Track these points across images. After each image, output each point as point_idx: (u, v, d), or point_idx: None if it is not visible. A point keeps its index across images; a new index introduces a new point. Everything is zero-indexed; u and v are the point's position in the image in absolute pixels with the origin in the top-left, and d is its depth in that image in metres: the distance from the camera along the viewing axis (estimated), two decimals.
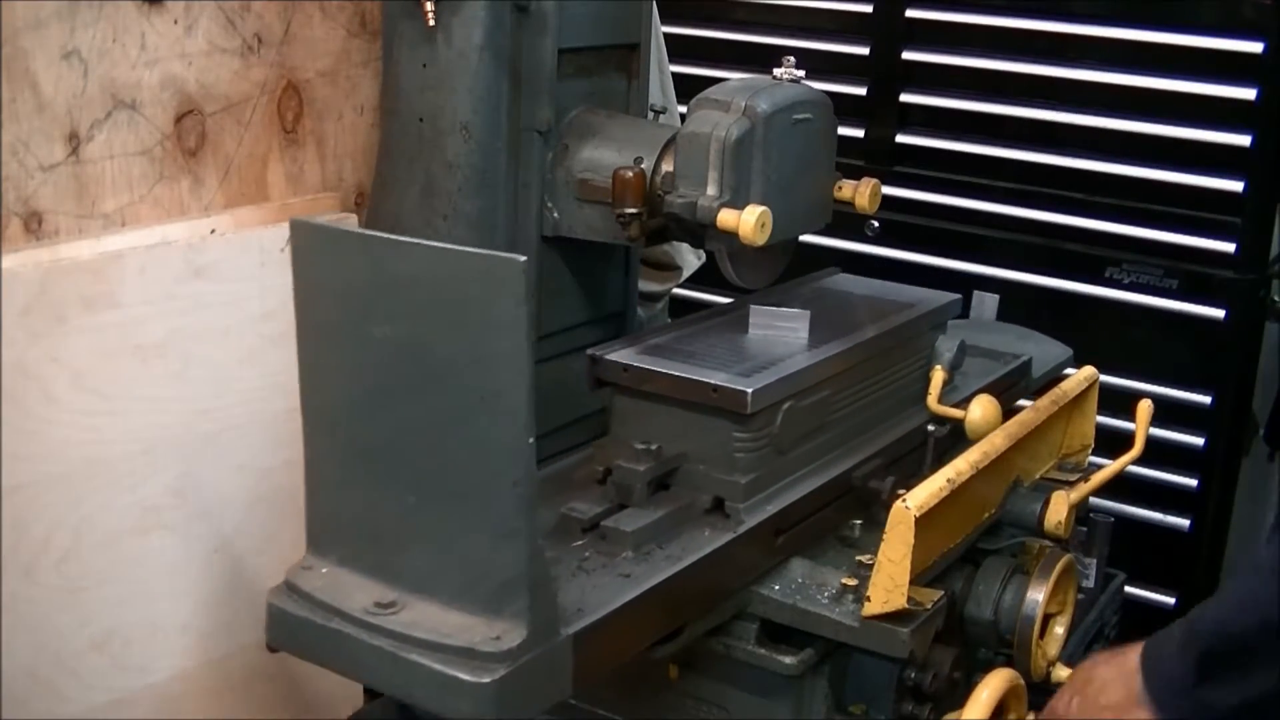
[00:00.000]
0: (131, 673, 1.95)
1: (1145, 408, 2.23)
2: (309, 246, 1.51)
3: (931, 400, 2.14)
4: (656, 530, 1.74)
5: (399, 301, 1.44)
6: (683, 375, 1.83)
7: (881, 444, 2.05)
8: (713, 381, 1.80)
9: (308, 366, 1.53)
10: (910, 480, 1.88)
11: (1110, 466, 2.19)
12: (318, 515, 1.57)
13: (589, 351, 1.91)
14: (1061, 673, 1.96)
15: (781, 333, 2.00)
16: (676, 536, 1.76)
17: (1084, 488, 2.13)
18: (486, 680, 1.39)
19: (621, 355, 1.89)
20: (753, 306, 2.03)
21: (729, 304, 2.19)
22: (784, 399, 1.86)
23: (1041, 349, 2.57)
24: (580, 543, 1.73)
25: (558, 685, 1.49)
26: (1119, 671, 1.75)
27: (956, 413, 2.09)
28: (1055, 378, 2.44)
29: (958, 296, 2.30)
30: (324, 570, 1.54)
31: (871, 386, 2.07)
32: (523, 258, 1.33)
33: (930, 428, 2.02)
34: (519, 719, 1.45)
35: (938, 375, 2.16)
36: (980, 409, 2.05)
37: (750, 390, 1.78)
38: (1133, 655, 1.75)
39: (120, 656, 1.93)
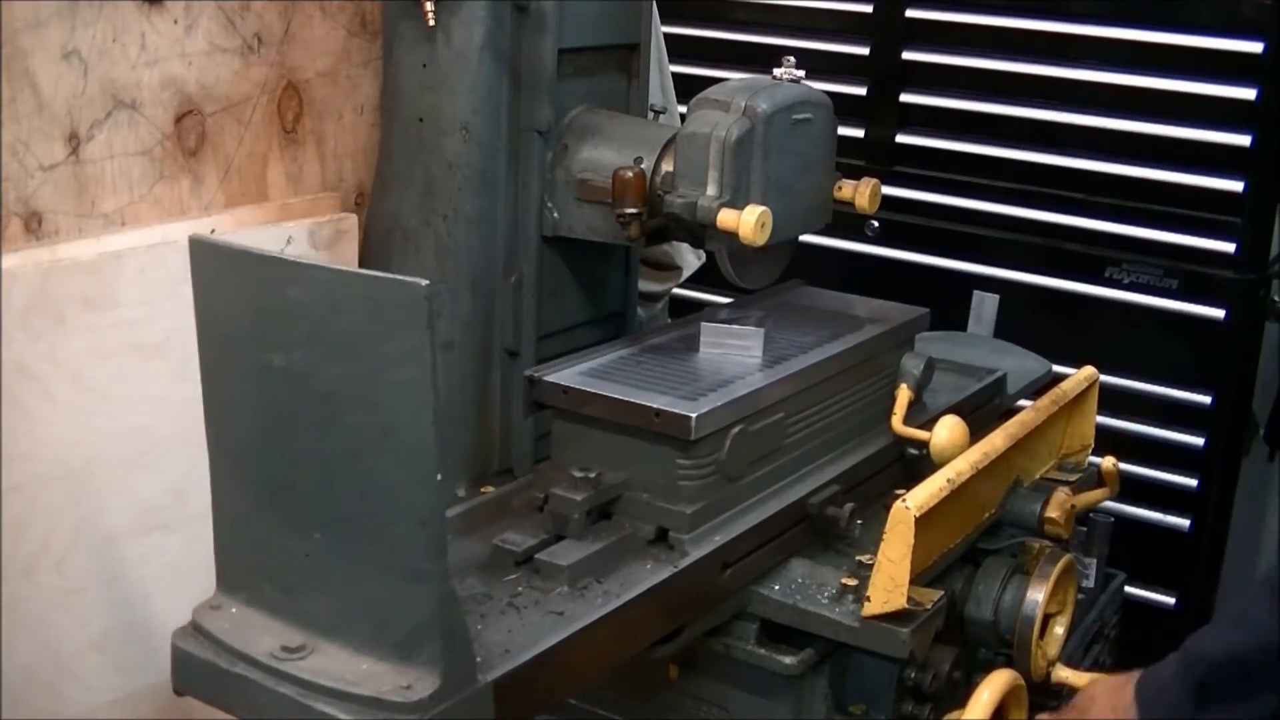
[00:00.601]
0: (131, 673, 1.95)
1: (1110, 464, 2.23)
2: (208, 266, 1.42)
3: (895, 421, 2.05)
4: (594, 564, 1.65)
5: (297, 328, 1.36)
6: (624, 399, 1.75)
7: (841, 469, 1.97)
8: (655, 406, 1.73)
9: (210, 394, 1.45)
10: (872, 506, 1.83)
11: (1097, 494, 2.19)
12: (225, 551, 1.48)
13: (526, 373, 1.85)
14: (1062, 673, 1.96)
15: (734, 351, 1.93)
16: (615, 570, 1.67)
17: (1084, 499, 2.13)
18: None
19: (561, 376, 1.82)
20: (703, 324, 1.97)
21: (682, 320, 2.11)
22: (732, 423, 1.78)
23: (1019, 363, 2.51)
24: (513, 576, 1.64)
25: None
26: (1119, 701, 1.74)
27: (921, 434, 2.00)
28: (1037, 390, 2.39)
29: (925, 311, 2.23)
30: (232, 610, 1.47)
31: (830, 408, 1.99)
32: (424, 282, 1.26)
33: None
34: None
35: (903, 394, 2.07)
36: (946, 431, 1.95)
37: (694, 415, 1.71)
38: (1129, 689, 1.73)
39: (120, 656, 1.93)
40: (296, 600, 1.43)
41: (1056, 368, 2.55)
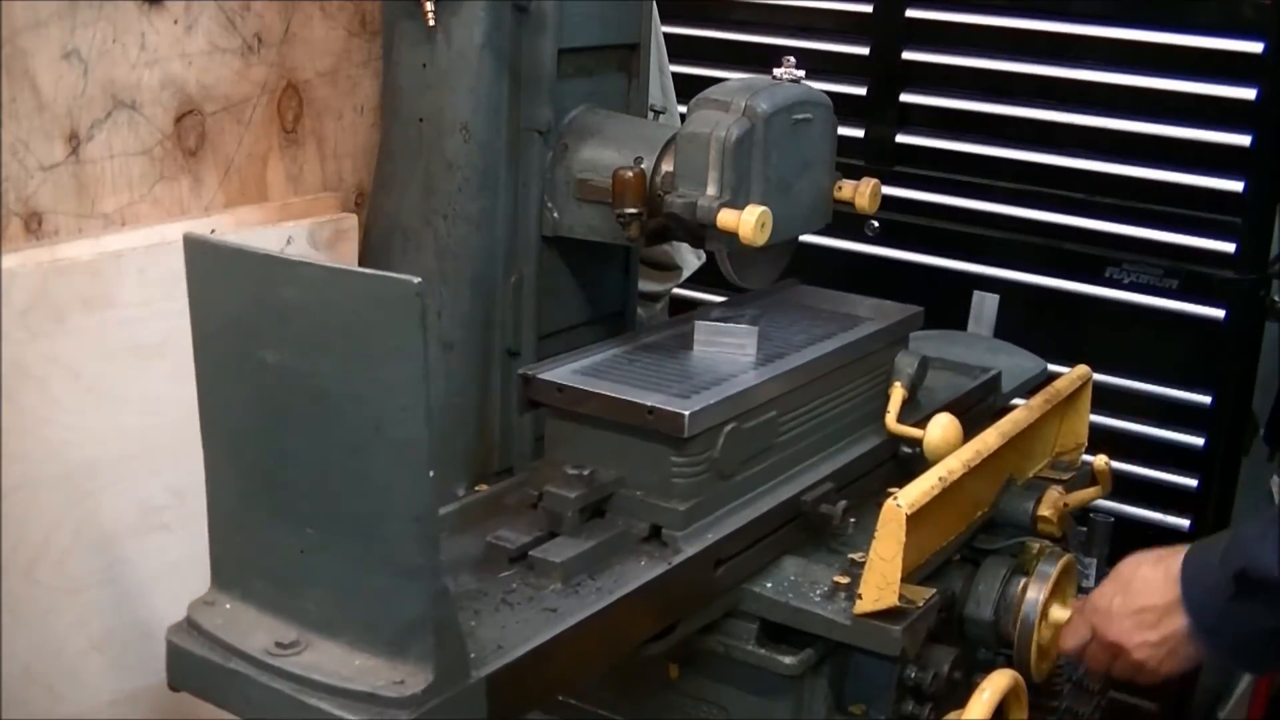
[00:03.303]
0: (131, 673, 1.95)
1: (1102, 463, 2.23)
2: (202, 264, 1.43)
3: (890, 419, 2.05)
4: (588, 560, 1.66)
5: (290, 325, 1.36)
6: (617, 396, 1.76)
7: (835, 466, 1.97)
8: (648, 403, 1.73)
9: (205, 390, 1.46)
10: (866, 504, 1.83)
11: (1089, 492, 2.20)
12: (219, 547, 1.49)
13: (520, 371, 1.86)
14: (1060, 613, 1.94)
15: (728, 349, 1.93)
16: (609, 567, 1.67)
17: (1076, 497, 2.13)
18: None
19: (555, 374, 1.82)
20: (698, 322, 1.97)
21: (676, 319, 2.11)
22: (726, 421, 1.78)
23: (1014, 361, 2.51)
24: (507, 573, 1.65)
25: None
26: (1164, 574, 1.77)
27: (916, 432, 2.00)
28: (1032, 389, 2.39)
29: (919, 309, 2.22)
30: (227, 606, 1.47)
31: (824, 406, 1.99)
32: (417, 279, 1.27)
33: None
34: None
35: (897, 392, 2.07)
36: (940, 429, 1.95)
37: (688, 413, 1.71)
38: (1177, 560, 1.76)
39: (120, 656, 1.93)
40: (290, 596, 1.43)
41: (1056, 368, 2.55)
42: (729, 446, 1.79)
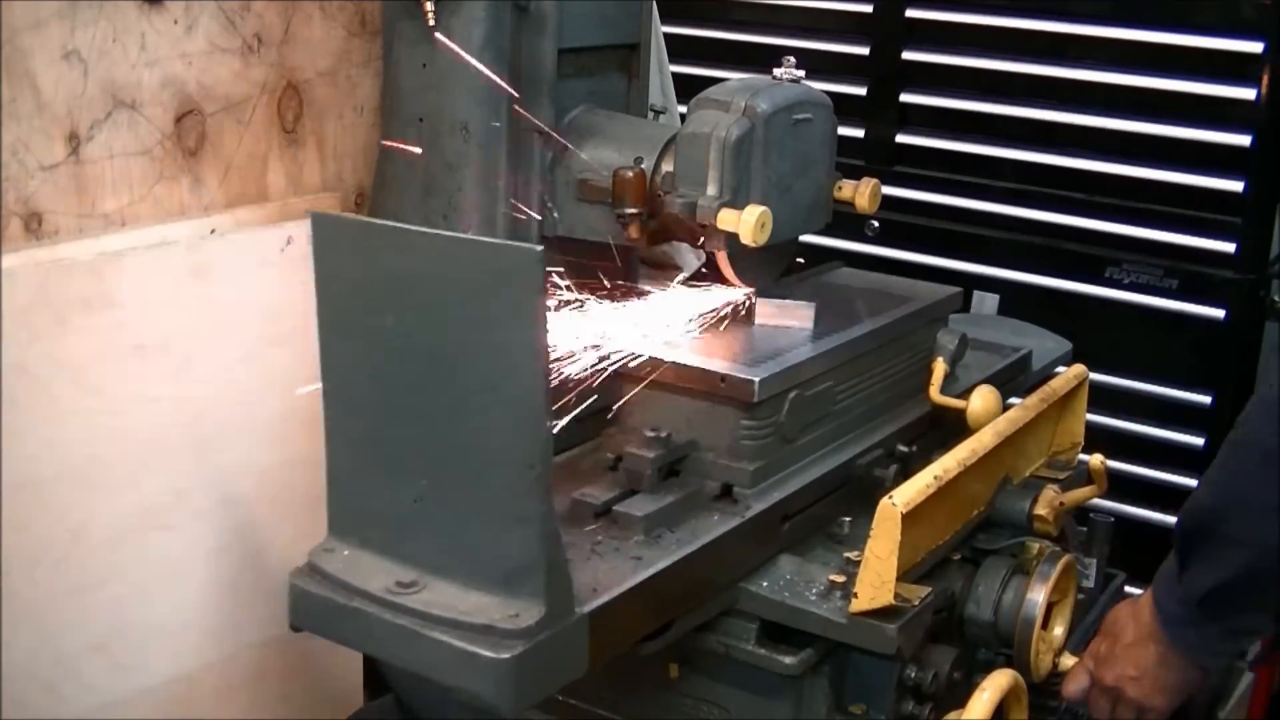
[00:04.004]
0: (131, 673, 1.95)
1: (1098, 462, 2.24)
2: (329, 238, 1.53)
3: (933, 391, 2.14)
4: (666, 515, 1.77)
5: (415, 292, 1.46)
6: (691, 364, 1.85)
7: (884, 434, 2.08)
8: (721, 370, 1.83)
9: (327, 355, 1.56)
10: (915, 469, 1.88)
11: (1085, 491, 2.21)
12: (337, 499, 1.59)
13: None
14: (1068, 661, 1.98)
15: (788, 322, 2.03)
16: (685, 521, 1.79)
17: (1072, 496, 2.14)
18: (505, 656, 1.42)
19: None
20: (759, 298, 2.05)
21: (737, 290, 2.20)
22: (790, 388, 1.88)
23: (1040, 343, 2.58)
24: (593, 527, 1.76)
25: (574, 662, 1.52)
26: (1137, 609, 1.83)
27: (958, 403, 2.10)
28: (1053, 371, 2.44)
29: (959, 290, 2.31)
30: (345, 553, 1.57)
31: (874, 377, 2.10)
32: (539, 248, 1.35)
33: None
34: (537, 695, 1.49)
35: (939, 367, 2.16)
36: (981, 399, 2.07)
37: (758, 379, 1.81)
38: (1147, 593, 1.82)
39: (120, 657, 1.93)
40: (406, 542, 1.53)
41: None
42: (793, 412, 1.89)
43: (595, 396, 1.80)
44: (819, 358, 1.95)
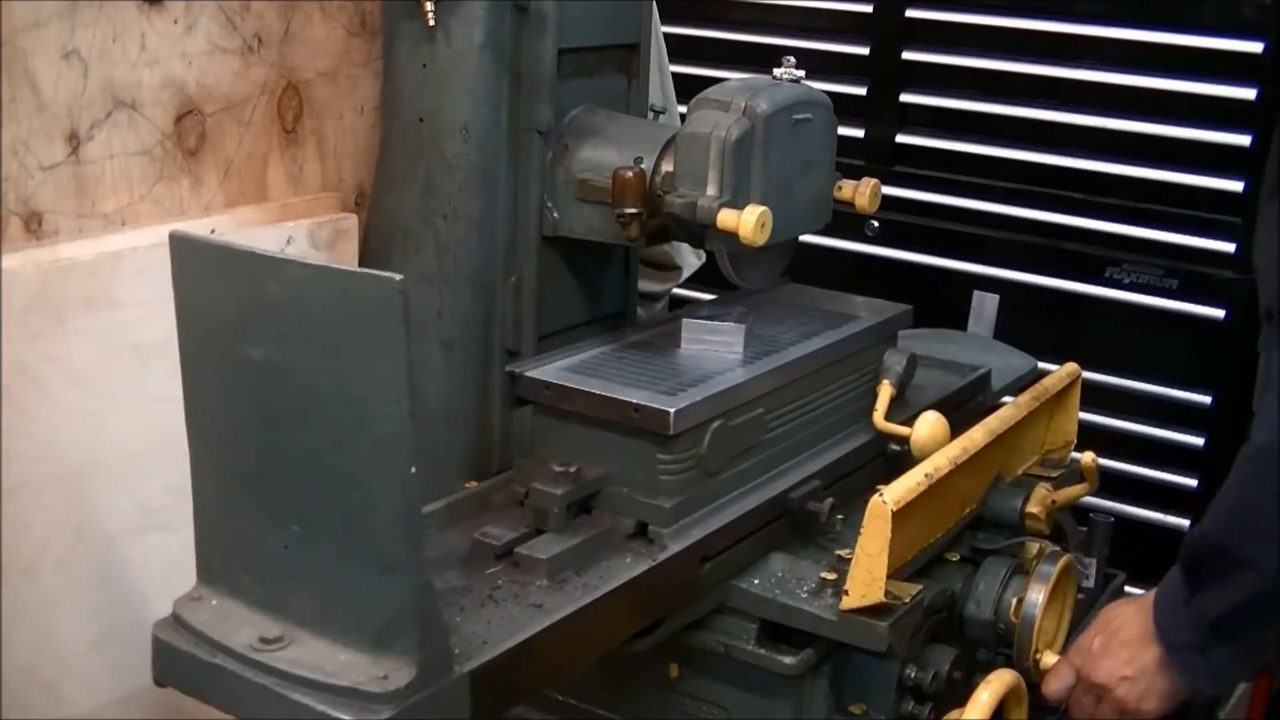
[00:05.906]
0: (131, 673, 1.95)
1: (1089, 459, 2.23)
2: (188, 262, 1.43)
3: (877, 417, 2.05)
4: (574, 557, 1.66)
5: (274, 322, 1.36)
6: (603, 394, 1.77)
7: (822, 464, 1.98)
8: (634, 401, 1.75)
9: (190, 387, 1.47)
10: (853, 501, 1.83)
11: (1077, 489, 2.20)
12: (205, 544, 1.50)
13: (507, 368, 1.87)
14: (1050, 658, 1.95)
15: (715, 347, 1.94)
16: (595, 564, 1.68)
17: (1064, 494, 2.14)
18: None
19: (542, 372, 1.84)
20: (685, 320, 1.98)
21: (665, 317, 2.12)
22: (712, 418, 1.79)
23: (1004, 360, 2.52)
24: (493, 570, 1.65)
25: None
26: (1138, 608, 1.80)
27: (903, 430, 2.00)
28: (1021, 386, 2.39)
29: (908, 307, 2.23)
30: (213, 602, 1.48)
31: (811, 403, 2.00)
32: (399, 276, 1.26)
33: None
34: None
35: (884, 390, 2.07)
36: (927, 427, 1.95)
37: (673, 410, 1.72)
38: (1151, 594, 1.80)
39: (120, 657, 1.93)
40: (275, 592, 1.44)
41: (1056, 368, 2.55)
42: (715, 444, 1.80)
43: None
44: (747, 384, 1.85)
